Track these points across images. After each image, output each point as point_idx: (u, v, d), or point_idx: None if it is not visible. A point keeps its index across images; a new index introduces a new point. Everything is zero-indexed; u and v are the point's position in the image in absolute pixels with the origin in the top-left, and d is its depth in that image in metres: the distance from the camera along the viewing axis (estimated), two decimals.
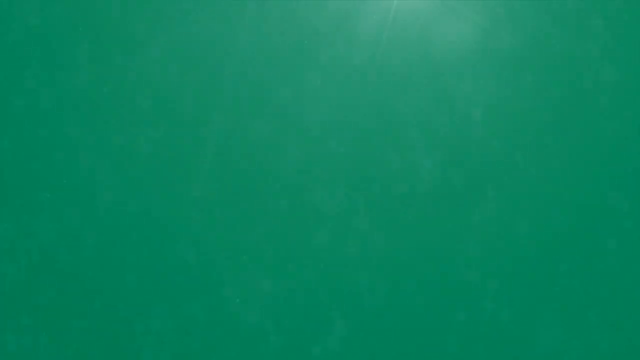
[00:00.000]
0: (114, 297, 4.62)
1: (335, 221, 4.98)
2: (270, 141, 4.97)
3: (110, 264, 4.61)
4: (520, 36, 4.86)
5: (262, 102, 5.04)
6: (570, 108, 4.92)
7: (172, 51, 4.93)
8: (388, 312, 4.81)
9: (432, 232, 4.97)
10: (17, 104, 4.66)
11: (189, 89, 4.94)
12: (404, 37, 4.92)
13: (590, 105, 4.90)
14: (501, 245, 4.93)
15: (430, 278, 4.90)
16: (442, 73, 4.94)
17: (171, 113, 4.77)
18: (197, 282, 4.68)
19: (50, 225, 4.61)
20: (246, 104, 4.93)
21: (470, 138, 4.91)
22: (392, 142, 4.96)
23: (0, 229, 4.46)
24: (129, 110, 4.76)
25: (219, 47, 4.98)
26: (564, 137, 4.91)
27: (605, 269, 4.66)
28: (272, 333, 4.67)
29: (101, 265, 4.60)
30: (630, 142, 4.78)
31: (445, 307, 4.83)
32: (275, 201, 5.09)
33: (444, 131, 5.01)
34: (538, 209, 4.90)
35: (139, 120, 4.76)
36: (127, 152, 4.67)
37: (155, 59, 4.92)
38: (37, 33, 4.79)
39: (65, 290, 4.66)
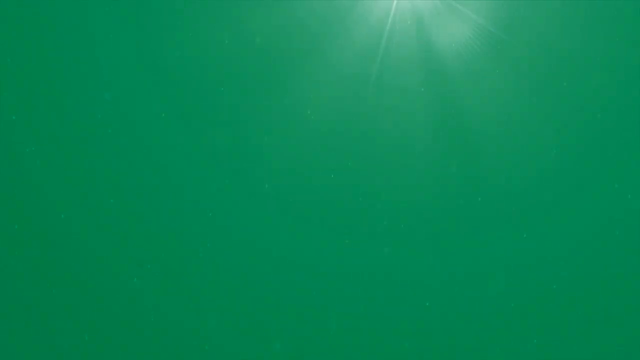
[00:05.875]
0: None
1: (338, 224, 4.95)
2: (268, 142, 4.95)
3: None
4: (520, 36, 4.87)
5: (263, 103, 5.03)
6: (569, 107, 4.92)
7: (172, 53, 4.93)
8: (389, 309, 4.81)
9: (436, 234, 4.95)
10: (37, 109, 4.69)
11: (190, 92, 4.93)
12: (404, 37, 4.93)
13: (590, 104, 4.90)
14: (507, 245, 4.92)
15: (434, 277, 4.87)
16: (441, 72, 4.95)
17: (175, 116, 4.74)
18: None
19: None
20: (249, 104, 4.91)
21: (470, 135, 4.90)
22: (391, 140, 4.93)
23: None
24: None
25: (219, 49, 4.99)
26: (563, 134, 4.90)
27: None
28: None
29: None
30: (631, 142, 4.78)
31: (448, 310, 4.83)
32: (273, 202, 5.09)
33: (444, 129, 5.00)
34: (537, 205, 4.88)
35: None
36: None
37: (156, 63, 4.94)
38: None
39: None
